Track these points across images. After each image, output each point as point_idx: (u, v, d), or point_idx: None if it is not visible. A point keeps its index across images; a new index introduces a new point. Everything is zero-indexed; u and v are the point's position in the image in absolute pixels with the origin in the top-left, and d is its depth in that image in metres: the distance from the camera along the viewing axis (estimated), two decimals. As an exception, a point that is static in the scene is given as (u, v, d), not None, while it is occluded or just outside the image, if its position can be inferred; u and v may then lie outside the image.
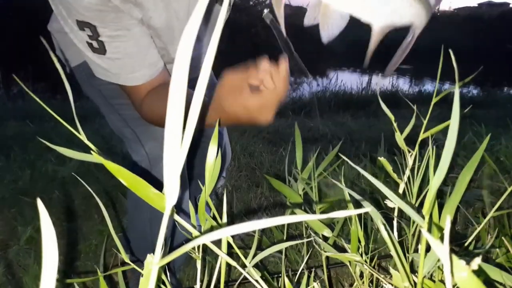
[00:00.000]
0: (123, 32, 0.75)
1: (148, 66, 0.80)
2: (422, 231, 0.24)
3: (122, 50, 0.76)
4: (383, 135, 1.51)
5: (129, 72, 0.79)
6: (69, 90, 0.41)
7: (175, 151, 0.23)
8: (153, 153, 0.97)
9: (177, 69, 0.22)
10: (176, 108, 0.22)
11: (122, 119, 0.98)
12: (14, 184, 1.86)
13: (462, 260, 0.24)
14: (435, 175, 0.31)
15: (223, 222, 0.48)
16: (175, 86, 0.22)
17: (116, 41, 0.75)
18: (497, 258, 0.73)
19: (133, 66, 0.78)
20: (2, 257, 1.32)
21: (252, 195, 1.75)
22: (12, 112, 3.57)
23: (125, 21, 0.74)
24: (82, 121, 0.45)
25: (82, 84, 0.99)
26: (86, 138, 0.42)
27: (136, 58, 0.78)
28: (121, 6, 0.72)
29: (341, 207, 1.08)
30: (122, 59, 0.77)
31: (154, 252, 0.27)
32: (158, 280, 0.49)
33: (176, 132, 0.23)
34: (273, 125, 3.13)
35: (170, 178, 0.23)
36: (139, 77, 0.80)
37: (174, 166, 0.23)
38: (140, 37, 0.78)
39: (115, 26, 0.73)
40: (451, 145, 0.30)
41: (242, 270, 0.42)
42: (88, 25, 0.72)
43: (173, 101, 0.22)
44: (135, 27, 0.76)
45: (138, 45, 0.78)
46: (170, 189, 0.24)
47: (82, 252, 1.37)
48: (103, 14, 0.72)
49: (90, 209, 1.63)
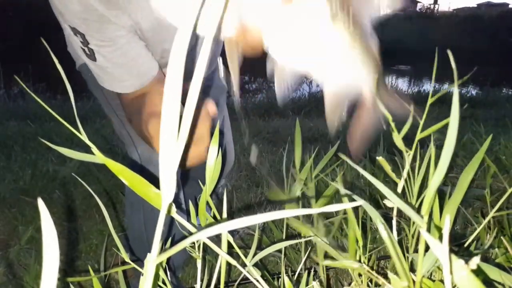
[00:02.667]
0: (109, 43, 0.74)
1: (137, 76, 0.79)
2: (421, 231, 0.24)
3: (109, 60, 0.75)
4: (382, 135, 1.51)
5: (118, 81, 0.78)
6: (70, 91, 0.41)
7: (170, 150, 0.23)
8: (144, 155, 0.98)
9: (172, 68, 0.23)
10: (171, 107, 0.23)
11: (119, 119, 0.99)
12: (15, 184, 1.86)
13: (461, 260, 0.24)
14: (434, 175, 0.31)
15: (223, 218, 0.48)
16: (170, 85, 0.23)
17: (103, 50, 0.74)
18: (497, 258, 0.73)
19: (121, 75, 0.78)
20: (3, 256, 1.32)
21: (252, 195, 1.76)
22: (13, 112, 3.57)
23: (111, 32, 0.73)
24: (83, 122, 0.45)
25: (88, 82, 1.00)
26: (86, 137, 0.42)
27: (123, 68, 0.77)
28: (107, 14, 0.71)
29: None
30: (110, 68, 0.76)
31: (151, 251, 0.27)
32: (158, 279, 0.49)
33: (172, 131, 0.23)
34: (273, 125, 3.14)
35: (166, 176, 0.24)
36: (128, 86, 0.79)
37: (170, 165, 0.23)
38: (127, 49, 0.76)
39: (100, 36, 0.72)
40: (450, 144, 0.30)
41: (242, 269, 0.43)
42: (78, 32, 0.72)
43: (169, 100, 0.23)
44: (121, 38, 0.75)
45: (125, 56, 0.76)
46: (166, 187, 0.24)
47: (83, 252, 1.38)
48: (88, 23, 0.71)
49: (90, 208, 1.63)
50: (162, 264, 0.50)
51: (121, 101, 0.84)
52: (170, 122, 0.23)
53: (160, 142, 0.23)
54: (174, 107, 0.23)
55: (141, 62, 0.79)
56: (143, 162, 0.98)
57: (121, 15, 0.74)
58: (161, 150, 0.23)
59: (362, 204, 0.31)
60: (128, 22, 0.76)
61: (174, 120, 0.23)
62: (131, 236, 1.13)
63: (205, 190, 0.49)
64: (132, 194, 1.06)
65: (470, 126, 2.02)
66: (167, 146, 0.23)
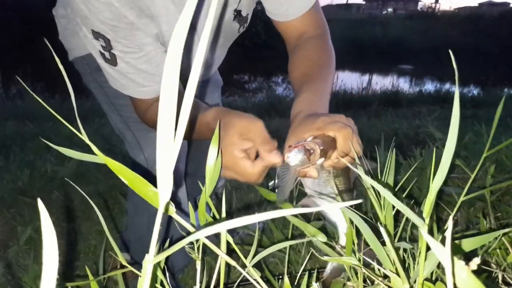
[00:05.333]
0: (135, 49, 0.74)
1: (159, 82, 0.78)
2: (423, 234, 0.24)
3: (133, 66, 0.75)
4: (384, 135, 1.51)
5: (138, 86, 0.78)
6: (71, 90, 0.41)
7: (167, 147, 0.23)
8: (151, 159, 0.97)
9: (168, 66, 0.22)
10: (167, 105, 0.22)
11: (123, 120, 0.98)
12: (13, 184, 1.86)
13: (462, 261, 0.24)
14: (435, 177, 0.31)
15: (222, 217, 0.48)
16: (166, 83, 0.22)
17: (128, 57, 0.74)
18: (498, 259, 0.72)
19: (143, 81, 0.78)
20: (2, 257, 1.32)
21: (252, 195, 1.75)
22: (11, 112, 3.57)
23: (139, 39, 0.73)
24: (82, 121, 0.44)
25: (84, 76, 0.98)
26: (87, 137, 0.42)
27: (146, 74, 0.77)
28: (136, 22, 0.71)
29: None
30: (132, 74, 0.76)
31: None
32: (156, 281, 0.48)
33: (169, 129, 0.22)
34: (273, 125, 3.13)
35: (163, 174, 0.23)
36: (147, 92, 0.79)
37: (167, 163, 0.23)
38: (153, 55, 0.76)
39: (128, 43, 0.73)
40: (451, 146, 0.29)
41: (242, 270, 0.42)
42: (102, 37, 0.71)
43: (165, 98, 0.22)
44: (148, 45, 0.75)
45: (150, 62, 0.76)
46: (163, 185, 0.23)
47: (82, 253, 1.37)
48: (117, 29, 0.71)
49: (89, 209, 1.63)
50: (160, 265, 0.49)
51: (136, 105, 0.83)
52: (167, 119, 0.22)
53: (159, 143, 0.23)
54: (171, 106, 0.22)
55: (163, 68, 0.78)
56: (150, 165, 0.97)
57: (149, 24, 0.75)
58: (158, 147, 0.23)
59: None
60: (155, 31, 0.77)
61: (171, 116, 0.22)
62: (132, 238, 1.12)
63: (204, 190, 0.49)
64: (137, 198, 1.05)
65: (472, 126, 2.01)
66: (164, 145, 0.23)
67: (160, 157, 0.23)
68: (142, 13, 0.72)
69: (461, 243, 0.40)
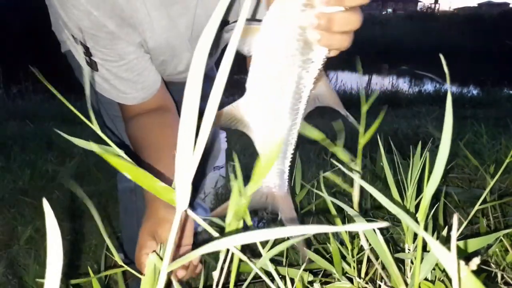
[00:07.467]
0: (116, 58, 0.72)
1: (141, 90, 0.77)
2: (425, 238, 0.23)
3: (114, 74, 0.74)
4: (383, 135, 1.51)
5: (120, 92, 0.77)
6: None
7: (186, 157, 0.23)
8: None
9: (190, 88, 0.23)
10: (189, 117, 0.23)
11: (110, 119, 0.97)
12: (14, 184, 1.86)
13: (461, 261, 0.24)
14: (430, 179, 0.31)
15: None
16: (187, 99, 0.23)
17: (109, 65, 0.72)
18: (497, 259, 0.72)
19: (124, 88, 0.76)
20: (2, 257, 1.32)
21: (252, 195, 1.75)
22: (12, 112, 3.56)
23: (121, 48, 0.71)
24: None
25: (76, 70, 0.97)
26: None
27: (128, 82, 0.75)
28: (117, 32, 0.69)
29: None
30: (113, 80, 0.75)
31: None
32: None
33: (189, 140, 0.23)
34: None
35: (181, 183, 0.23)
36: (130, 99, 0.78)
37: (185, 172, 0.23)
38: (135, 64, 0.74)
39: (108, 52, 0.70)
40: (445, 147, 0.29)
41: (253, 265, 0.42)
42: (82, 44, 0.69)
43: (186, 111, 0.23)
44: (130, 54, 0.73)
45: (131, 70, 0.74)
46: (181, 194, 0.23)
47: (83, 252, 1.37)
48: (97, 39, 0.68)
49: (90, 209, 1.63)
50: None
51: (121, 110, 0.83)
52: (187, 130, 0.23)
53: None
54: (192, 121, 0.23)
55: (146, 76, 0.77)
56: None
57: (132, 33, 0.72)
58: (177, 156, 0.23)
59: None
60: (137, 39, 0.74)
61: (191, 129, 0.23)
62: (124, 237, 1.13)
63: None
64: (125, 199, 1.06)
65: (471, 126, 2.01)
66: (184, 157, 0.23)
67: (179, 167, 0.23)
68: (123, 22, 0.70)
69: (465, 243, 0.40)
